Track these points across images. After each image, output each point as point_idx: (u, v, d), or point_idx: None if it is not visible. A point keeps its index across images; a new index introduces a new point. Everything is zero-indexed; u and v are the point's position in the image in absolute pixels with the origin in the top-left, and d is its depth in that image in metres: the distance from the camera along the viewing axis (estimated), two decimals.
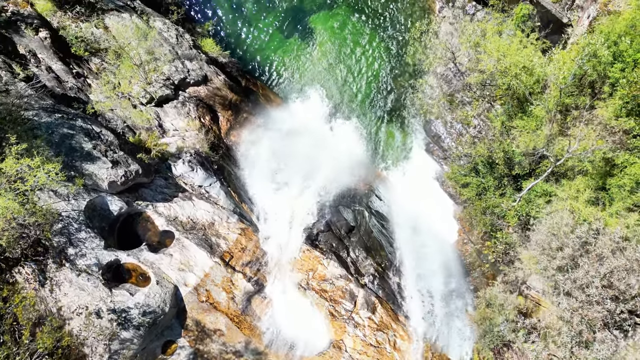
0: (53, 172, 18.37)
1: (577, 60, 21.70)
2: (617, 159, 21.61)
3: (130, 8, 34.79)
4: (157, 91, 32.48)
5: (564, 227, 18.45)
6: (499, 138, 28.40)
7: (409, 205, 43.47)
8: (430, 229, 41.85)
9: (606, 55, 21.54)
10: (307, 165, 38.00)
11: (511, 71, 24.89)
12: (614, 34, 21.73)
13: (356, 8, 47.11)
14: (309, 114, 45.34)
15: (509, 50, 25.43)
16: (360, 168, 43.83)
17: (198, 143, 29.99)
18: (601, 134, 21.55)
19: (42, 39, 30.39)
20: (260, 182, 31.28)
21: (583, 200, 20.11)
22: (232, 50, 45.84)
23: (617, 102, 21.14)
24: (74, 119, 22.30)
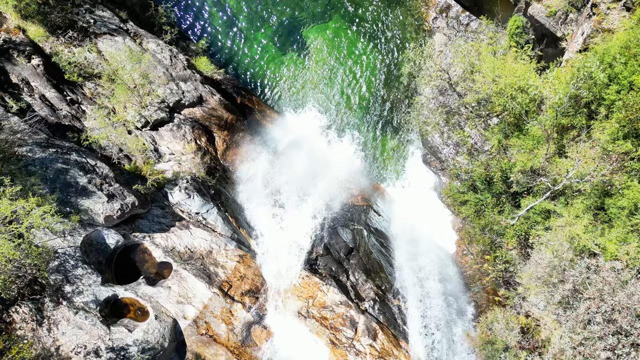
0: (48, 214, 18.21)
1: (572, 83, 21.61)
2: (616, 181, 21.52)
3: (123, 31, 34.64)
4: (152, 115, 32.32)
5: (564, 260, 18.34)
6: (496, 156, 28.30)
7: (407, 218, 43.39)
8: (430, 243, 41.75)
9: (601, 78, 21.45)
10: (305, 184, 37.88)
11: (507, 92, 24.80)
12: (608, 55, 21.66)
13: (350, 19, 47.05)
14: (305, 127, 45.28)
15: (504, 70, 25.34)
16: (358, 182, 43.77)
17: (194, 167, 29.84)
18: (598, 157, 21.45)
19: (34, 67, 30.23)
20: (257, 204, 31.16)
21: (582, 225, 20.00)
22: (227, 64, 45.76)
23: (613, 124, 21.04)
24: (69, 153, 22.13)
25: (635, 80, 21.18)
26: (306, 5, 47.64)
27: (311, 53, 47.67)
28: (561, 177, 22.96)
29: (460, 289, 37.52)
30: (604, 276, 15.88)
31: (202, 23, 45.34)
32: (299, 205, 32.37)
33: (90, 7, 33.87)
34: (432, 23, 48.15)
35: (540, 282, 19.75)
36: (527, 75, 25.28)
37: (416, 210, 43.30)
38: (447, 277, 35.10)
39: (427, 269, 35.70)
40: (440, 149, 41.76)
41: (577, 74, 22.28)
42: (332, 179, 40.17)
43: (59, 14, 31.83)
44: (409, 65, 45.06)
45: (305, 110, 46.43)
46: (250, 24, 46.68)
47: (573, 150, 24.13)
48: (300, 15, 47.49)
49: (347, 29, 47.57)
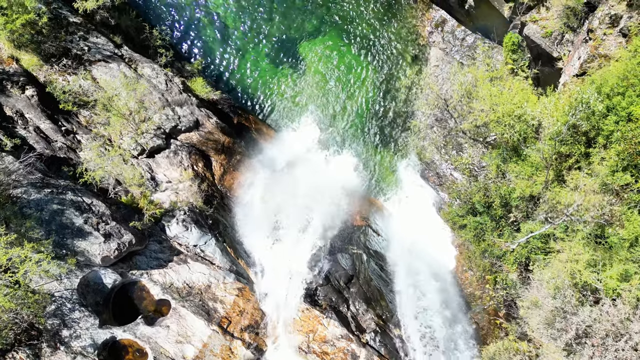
0: (44, 262, 18.00)
1: (571, 114, 21.50)
2: (616, 212, 21.41)
3: (118, 56, 34.42)
4: (148, 142, 32.11)
5: (567, 303, 18.20)
6: (495, 181, 28.19)
7: (406, 236, 43.19)
8: (429, 262, 41.57)
9: (599, 109, 21.34)
10: (303, 205, 37.67)
11: (504, 121, 24.68)
12: (606, 86, 21.56)
13: (345, 34, 46.89)
14: (302, 143, 45.07)
15: (501, 98, 25.23)
16: (357, 200, 43.54)
17: (192, 197, 29.64)
18: (598, 190, 21.33)
19: (29, 97, 30.00)
20: (256, 231, 30.95)
21: (584, 262, 19.87)
22: (224, 82, 45.53)
23: (612, 157, 20.92)
24: (64, 193, 21.94)
25: (633, 111, 21.09)
26: (301, 21, 47.51)
27: (307, 68, 47.50)
28: (561, 210, 22.85)
29: (461, 308, 37.35)
30: (608, 321, 15.74)
31: (198, 42, 45.14)
32: (298, 231, 32.16)
33: (84, 34, 33.65)
34: (427, 37, 48.07)
35: (544, 325, 19.59)
36: (524, 103, 25.17)
37: (415, 227, 43.09)
38: (448, 300, 34.95)
39: (426, 291, 35.57)
40: (438, 164, 41.64)
41: (574, 104, 22.17)
42: (330, 199, 39.96)
43: (53, 42, 31.64)
44: (405, 91, 45.04)
45: (301, 126, 46.22)
46: (245, 41, 46.50)
47: (572, 179, 24.05)
48: (295, 31, 47.35)
49: (342, 44, 47.45)
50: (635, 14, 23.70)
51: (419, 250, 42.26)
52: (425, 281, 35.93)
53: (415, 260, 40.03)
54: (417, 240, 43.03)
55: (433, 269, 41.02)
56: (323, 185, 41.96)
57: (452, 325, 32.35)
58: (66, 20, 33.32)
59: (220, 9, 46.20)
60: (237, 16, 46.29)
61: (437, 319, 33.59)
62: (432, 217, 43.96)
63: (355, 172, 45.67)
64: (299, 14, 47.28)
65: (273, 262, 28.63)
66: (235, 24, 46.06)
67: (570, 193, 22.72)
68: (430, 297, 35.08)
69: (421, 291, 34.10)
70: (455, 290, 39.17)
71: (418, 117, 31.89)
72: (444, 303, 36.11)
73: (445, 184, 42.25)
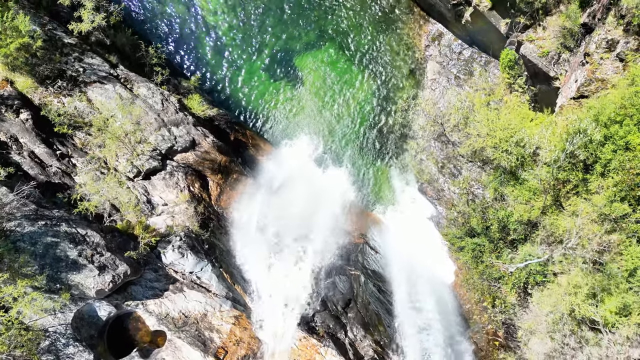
0: (37, 302, 17.78)
1: (568, 143, 21.36)
2: (613, 242, 21.27)
3: (113, 77, 34.24)
4: (144, 164, 31.91)
5: (565, 345, 18.06)
6: (493, 204, 28.04)
7: (404, 251, 43.02)
8: (428, 277, 41.40)
9: (597, 138, 21.22)
10: (301, 224, 37.48)
11: (502, 147, 24.54)
12: (603, 115, 21.43)
13: (343, 47, 46.76)
14: (299, 159, 44.90)
15: (498, 123, 25.09)
16: (354, 215, 43.38)
17: (188, 220, 29.44)
18: (596, 219, 21.19)
19: (23, 121, 29.80)
20: (252, 255, 30.73)
21: (583, 295, 19.71)
22: (221, 96, 45.36)
23: (610, 187, 20.79)
24: (58, 224, 21.74)
25: (631, 140, 20.97)
26: (298, 34, 47.39)
27: (304, 81, 47.38)
28: (559, 236, 22.71)
29: (460, 327, 37.17)
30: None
31: (195, 56, 45.02)
32: (296, 254, 31.95)
33: (80, 55, 33.48)
34: (424, 51, 48.02)
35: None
36: (521, 128, 25.04)
37: (412, 241, 42.97)
38: (448, 320, 34.81)
39: (425, 312, 35.38)
40: (435, 178, 41.53)
41: (573, 131, 22.05)
42: (328, 217, 39.75)
43: (48, 65, 31.43)
44: (402, 104, 44.90)
45: (299, 140, 46.07)
46: (243, 54, 46.38)
47: (570, 204, 23.93)
48: (292, 44, 47.22)
49: (339, 56, 47.34)
50: (632, 40, 23.61)
51: (417, 266, 42.11)
52: (424, 301, 35.78)
53: (413, 277, 39.86)
54: (415, 255, 42.87)
55: (432, 285, 40.86)
56: (321, 201, 41.74)
57: (451, 346, 32.20)
58: (61, 41, 33.14)
59: (216, 22, 46.09)
60: (234, 30, 46.17)
61: (436, 340, 33.45)
62: (430, 230, 43.84)
63: (353, 185, 45.53)
64: (297, 27, 47.18)
65: (270, 287, 28.42)
66: (232, 37, 45.92)
67: (568, 220, 22.59)
68: (429, 317, 34.92)
69: (420, 312, 33.95)
70: (454, 308, 39.03)
71: (415, 137, 31.73)
72: (442, 323, 35.96)
73: (443, 198, 42.15)
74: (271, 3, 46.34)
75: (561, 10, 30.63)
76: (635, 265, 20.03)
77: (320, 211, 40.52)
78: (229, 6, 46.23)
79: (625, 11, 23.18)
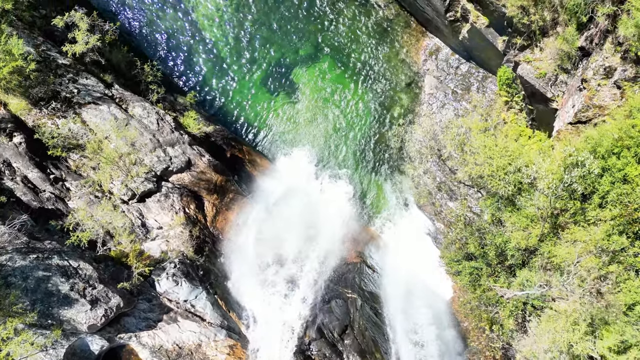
0: (28, 343, 17.50)
1: (566, 175, 21.15)
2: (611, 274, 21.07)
3: (108, 97, 33.98)
4: (139, 187, 31.64)
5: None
6: (491, 230, 27.82)
7: (402, 268, 42.78)
8: (426, 296, 41.16)
9: (595, 171, 21.02)
10: (298, 243, 37.26)
11: (499, 175, 24.33)
12: (601, 147, 21.24)
13: (340, 61, 46.59)
14: (297, 172, 44.67)
15: (496, 150, 24.86)
16: (352, 231, 43.13)
17: (182, 245, 29.18)
18: (594, 251, 20.99)
19: (16, 145, 29.51)
20: (248, 279, 30.47)
21: (581, 333, 19.51)
22: (217, 110, 45.16)
23: (608, 220, 20.59)
24: (50, 257, 21.47)
25: (628, 172, 20.80)
26: (294, 48, 47.22)
27: (300, 95, 47.18)
28: (557, 265, 22.53)
29: (458, 348, 36.93)
30: None
31: (191, 70, 44.80)
32: (292, 277, 31.69)
33: (74, 76, 33.22)
34: (421, 65, 47.85)
35: None
36: (519, 154, 24.84)
37: (410, 256, 42.73)
38: (446, 342, 34.60)
39: (422, 333, 35.17)
40: (433, 194, 41.27)
41: (570, 161, 21.84)
42: (326, 235, 39.54)
43: (42, 87, 31.14)
44: (400, 118, 44.70)
45: (296, 154, 45.87)
46: (239, 68, 46.19)
47: (569, 233, 23.74)
48: (289, 57, 47.03)
49: (336, 70, 47.16)
50: (630, 68, 23.44)
51: (414, 284, 41.86)
52: (422, 323, 35.58)
53: (411, 297, 39.63)
54: (413, 272, 42.62)
55: (429, 304, 40.64)
56: (319, 217, 41.53)
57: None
58: (55, 62, 32.89)
59: (213, 35, 45.92)
60: (231, 43, 45.99)
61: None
62: (428, 246, 43.63)
63: (351, 201, 45.30)
64: (293, 40, 47.01)
65: (266, 314, 28.16)
66: (229, 51, 45.73)
67: (566, 251, 22.40)
68: (427, 338, 34.72)
69: (417, 335, 33.75)
70: (452, 328, 38.79)
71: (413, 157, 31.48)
72: (439, 343, 35.75)
73: (441, 214, 41.91)
74: (268, 17, 46.19)
75: (558, 32, 30.48)
76: (634, 300, 19.83)
77: (318, 229, 40.30)
78: (225, 20, 46.07)
79: (622, 39, 23.02)
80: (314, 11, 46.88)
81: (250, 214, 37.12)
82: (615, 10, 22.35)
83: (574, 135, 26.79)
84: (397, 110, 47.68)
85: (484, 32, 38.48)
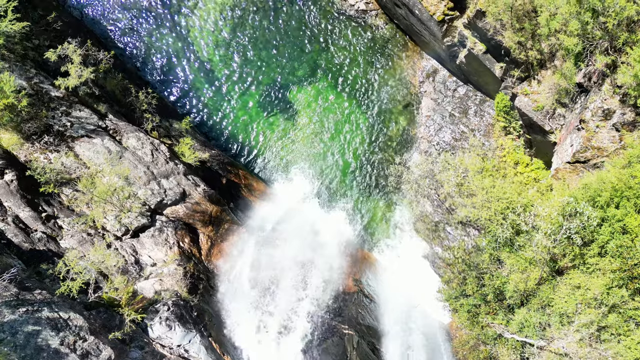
0: None
1: (564, 228, 20.82)
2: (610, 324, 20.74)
3: (102, 129, 33.58)
4: (132, 222, 31.25)
5: None
6: (489, 268, 27.48)
7: (399, 294, 42.48)
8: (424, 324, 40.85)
9: (594, 223, 20.70)
10: (295, 274, 36.90)
11: (496, 219, 24.00)
12: (601, 199, 20.91)
13: (337, 82, 46.37)
14: (293, 197, 44.38)
15: (493, 192, 24.55)
16: (349, 256, 42.82)
17: (176, 284, 28.76)
18: (591, 304, 20.65)
19: (7, 183, 29.10)
20: (243, 318, 30.08)
21: None
22: (213, 132, 44.85)
23: (608, 273, 20.26)
24: (40, 309, 21.04)
25: (627, 223, 20.47)
26: (292, 68, 46.93)
27: (297, 116, 46.90)
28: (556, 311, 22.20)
29: None
30: None
31: (187, 92, 44.48)
32: (289, 313, 31.28)
33: (67, 109, 32.84)
34: (419, 87, 47.59)
35: None
36: (517, 196, 24.53)
37: (408, 282, 42.44)
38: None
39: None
40: (431, 217, 40.96)
41: (569, 212, 21.51)
42: (323, 263, 39.20)
43: (34, 121, 30.76)
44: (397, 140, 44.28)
45: (292, 176, 45.64)
46: (236, 89, 45.89)
47: (567, 278, 23.43)
48: (286, 78, 46.76)
49: (333, 91, 46.91)
50: (629, 111, 23.15)
51: (412, 311, 41.52)
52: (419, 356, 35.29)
53: (409, 329, 39.32)
54: (410, 299, 42.29)
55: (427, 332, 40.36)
56: (315, 243, 41.18)
57: None
58: (48, 95, 32.50)
59: (209, 57, 45.63)
60: (227, 65, 45.72)
61: None
62: (425, 270, 43.31)
63: (348, 225, 45.03)
64: (290, 62, 46.73)
65: (261, 356, 27.74)
66: (225, 72, 45.41)
67: (565, 300, 22.07)
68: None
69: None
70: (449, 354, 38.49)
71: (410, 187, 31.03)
72: None
73: (439, 237, 41.54)
74: (265, 38, 45.94)
75: (556, 65, 30.18)
76: (636, 357, 19.49)
77: (316, 256, 39.94)
78: (222, 42, 45.79)
79: (621, 82, 22.71)
80: (311, 32, 46.66)
81: (246, 243, 36.77)
82: (614, 60, 22.05)
83: (573, 175, 26.49)
84: (394, 132, 47.45)
85: (482, 58, 38.23)
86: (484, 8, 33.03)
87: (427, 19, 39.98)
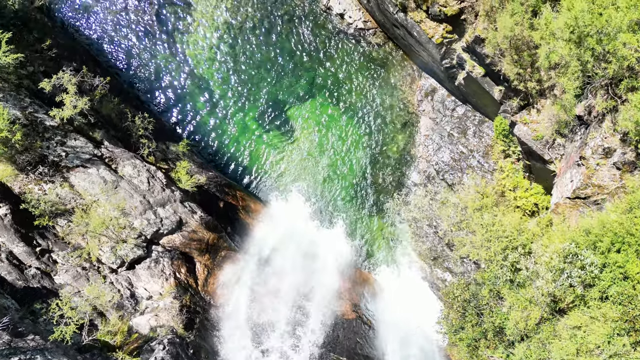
0: None
1: (565, 275, 20.53)
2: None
3: (97, 157, 33.21)
4: (128, 254, 30.92)
5: None
6: (489, 304, 27.18)
7: (398, 317, 42.20)
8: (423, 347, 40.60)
9: (595, 269, 20.41)
10: (294, 300, 36.63)
11: (496, 259, 23.69)
12: (603, 244, 20.61)
13: (335, 100, 46.08)
14: (291, 217, 44.03)
15: (493, 230, 24.25)
16: (348, 278, 42.58)
17: (172, 319, 28.43)
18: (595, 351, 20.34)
19: (2, 217, 28.74)
20: (240, 355, 29.71)
21: None
22: (210, 152, 44.46)
23: (609, 322, 19.95)
24: (33, 357, 20.68)
25: (629, 269, 20.18)
26: (289, 86, 46.60)
27: (295, 134, 46.60)
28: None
29: None
30: None
31: (184, 111, 44.06)
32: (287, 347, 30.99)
33: (62, 138, 32.47)
34: (417, 106, 47.30)
35: None
36: (517, 234, 24.23)
37: (407, 302, 42.16)
38: None
39: None
40: (431, 239, 40.66)
41: (569, 255, 21.23)
42: (321, 289, 38.92)
43: (29, 153, 30.40)
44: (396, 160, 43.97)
45: (290, 196, 45.31)
46: (234, 107, 45.53)
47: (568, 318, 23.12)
48: (284, 96, 46.45)
49: (331, 109, 46.64)
50: (629, 151, 22.85)
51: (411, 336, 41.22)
52: None
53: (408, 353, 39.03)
54: (410, 322, 42.01)
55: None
56: (314, 266, 40.91)
57: None
58: (42, 124, 32.13)
59: (206, 76, 45.35)
60: (224, 83, 45.38)
61: None
62: (425, 293, 43.04)
63: (346, 246, 44.70)
64: (288, 79, 46.48)
65: None
66: (223, 90, 45.08)
67: (565, 344, 21.75)
68: None
69: None
70: None
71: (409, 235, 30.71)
72: None
73: (439, 259, 41.25)
74: (262, 56, 45.65)
75: (555, 94, 29.87)
76: None
77: (314, 281, 39.65)
78: (218, 60, 45.47)
79: (621, 127, 22.39)
80: (309, 50, 46.38)
81: (243, 270, 36.47)
82: (615, 106, 21.76)
83: (573, 210, 26.19)
84: (393, 150, 47.14)
85: (480, 81, 37.94)
86: (483, 35, 32.75)
87: (425, 41, 39.71)
